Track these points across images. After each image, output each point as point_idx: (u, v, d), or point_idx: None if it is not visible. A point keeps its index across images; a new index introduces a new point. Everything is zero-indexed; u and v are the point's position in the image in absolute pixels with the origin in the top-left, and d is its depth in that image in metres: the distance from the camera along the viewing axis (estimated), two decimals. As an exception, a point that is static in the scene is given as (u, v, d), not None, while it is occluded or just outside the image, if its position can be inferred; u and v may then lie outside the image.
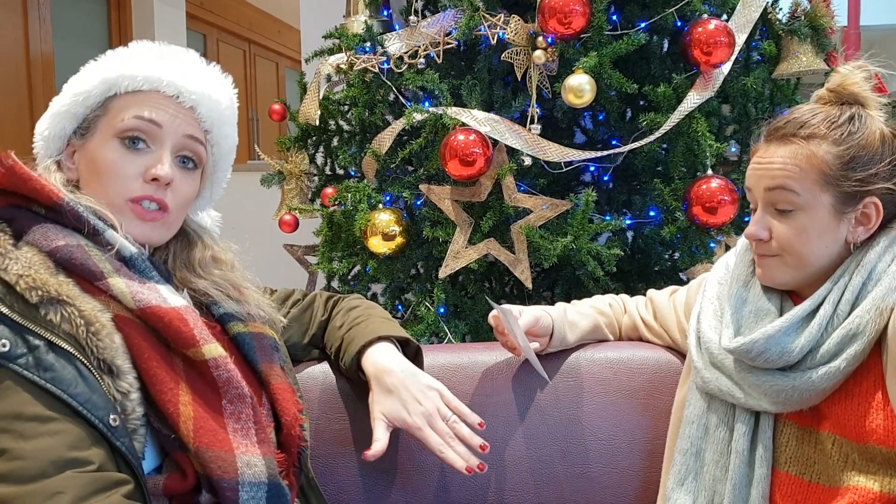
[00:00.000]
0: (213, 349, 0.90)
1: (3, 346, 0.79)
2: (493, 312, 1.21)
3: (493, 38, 1.71)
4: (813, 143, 0.98)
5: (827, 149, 0.97)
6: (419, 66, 1.81)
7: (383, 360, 1.10)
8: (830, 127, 0.98)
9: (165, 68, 0.97)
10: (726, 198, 1.66)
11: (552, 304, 1.34)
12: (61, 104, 0.97)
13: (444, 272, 1.76)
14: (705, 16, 1.69)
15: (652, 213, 1.82)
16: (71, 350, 0.81)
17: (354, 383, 1.22)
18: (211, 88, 1.01)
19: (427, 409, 1.06)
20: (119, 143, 0.95)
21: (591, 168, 1.88)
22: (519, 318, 1.19)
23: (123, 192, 0.94)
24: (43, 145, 0.98)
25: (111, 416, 0.81)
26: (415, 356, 1.18)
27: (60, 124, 0.97)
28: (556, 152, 1.70)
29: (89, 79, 0.97)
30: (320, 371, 1.24)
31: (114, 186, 0.94)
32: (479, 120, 1.71)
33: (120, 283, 0.88)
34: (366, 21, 1.96)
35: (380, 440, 1.05)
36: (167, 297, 0.91)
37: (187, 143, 0.99)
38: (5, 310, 0.81)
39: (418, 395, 1.07)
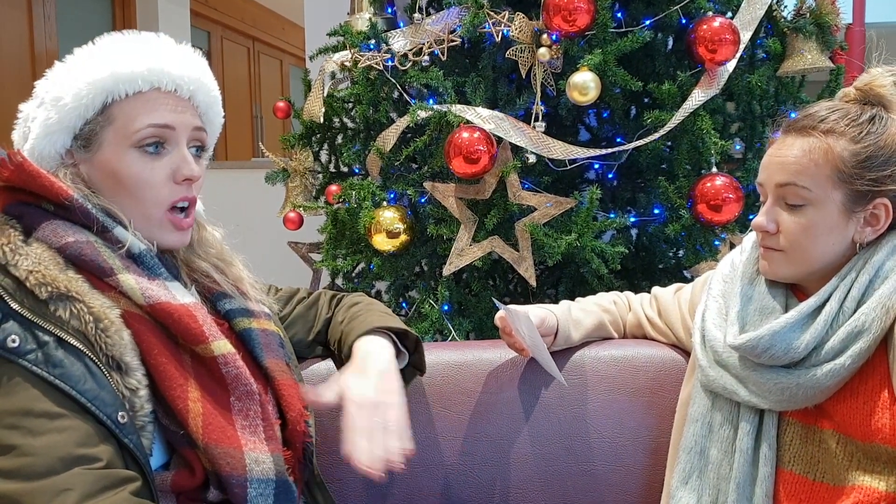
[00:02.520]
0: (221, 346, 0.91)
1: (13, 341, 0.80)
2: (500, 314, 1.21)
3: (498, 36, 1.71)
4: (831, 137, 0.98)
5: (844, 145, 0.97)
6: (423, 64, 1.81)
7: (371, 347, 1.07)
8: (850, 124, 0.98)
9: (158, 63, 0.94)
10: (731, 195, 1.65)
11: (556, 301, 1.34)
12: (49, 119, 0.91)
13: (448, 270, 1.76)
14: (710, 13, 1.69)
15: (656, 211, 1.82)
16: (80, 346, 0.82)
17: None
18: (201, 73, 0.99)
19: (376, 400, 0.97)
20: (139, 153, 0.93)
21: (596, 166, 1.88)
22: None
23: (159, 200, 0.94)
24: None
25: (119, 413, 0.82)
26: (415, 347, 1.17)
27: (59, 140, 0.92)
28: (560, 150, 1.70)
29: (73, 86, 0.91)
30: (325, 368, 1.25)
31: (147, 196, 0.93)
32: (483, 117, 1.71)
33: (129, 280, 0.88)
34: (370, 18, 1.95)
35: (323, 396, 0.98)
36: (176, 294, 0.92)
37: (195, 134, 0.98)
38: (15, 305, 0.81)
39: (379, 387, 0.99)
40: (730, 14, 1.76)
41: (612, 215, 1.79)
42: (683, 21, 1.73)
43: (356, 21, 2.02)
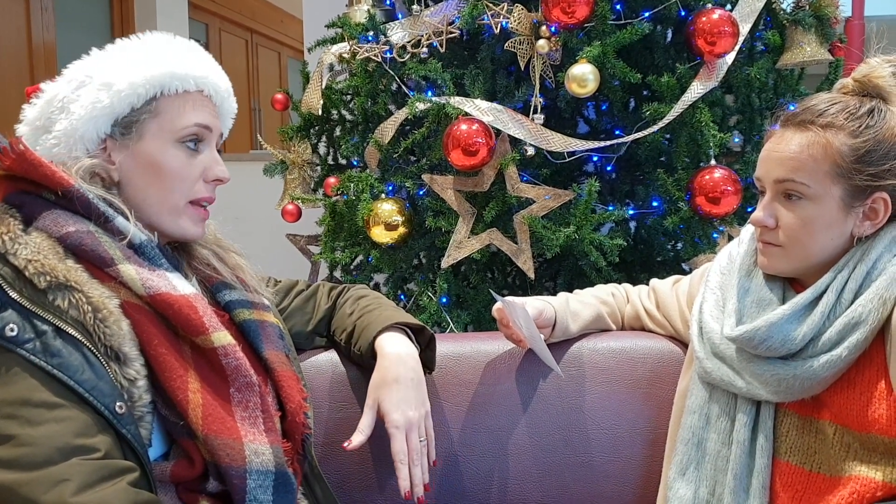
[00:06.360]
0: (221, 337, 0.91)
1: (11, 330, 0.80)
2: (497, 305, 1.21)
3: (497, 28, 1.70)
4: (830, 132, 0.97)
5: (843, 140, 0.96)
6: (422, 56, 1.80)
7: (397, 349, 1.11)
8: (849, 118, 0.97)
9: (203, 69, 0.99)
10: (729, 188, 1.65)
11: (555, 294, 1.34)
12: (99, 102, 0.92)
13: (446, 262, 1.76)
14: (709, 5, 1.68)
15: (655, 204, 1.81)
16: (78, 336, 0.82)
17: (359, 371, 1.22)
18: (228, 84, 1.04)
19: (413, 417, 1.06)
20: (182, 148, 0.96)
21: (595, 158, 1.88)
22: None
23: (187, 195, 0.98)
24: (65, 145, 0.93)
25: (117, 404, 0.82)
26: (428, 344, 1.18)
27: (102, 125, 0.93)
28: (559, 142, 1.70)
29: (128, 75, 0.92)
30: (324, 360, 1.25)
31: (179, 189, 0.97)
32: (482, 110, 1.71)
33: (130, 270, 0.88)
34: (369, 10, 1.95)
35: (363, 432, 1.06)
36: (177, 285, 0.92)
37: (218, 139, 1.03)
38: (14, 294, 0.82)
39: (415, 400, 1.07)
40: (729, 6, 1.76)
41: (610, 208, 1.79)
42: (682, 13, 1.73)
43: (355, 13, 2.02)
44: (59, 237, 0.87)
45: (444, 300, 1.81)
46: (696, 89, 1.67)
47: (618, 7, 1.71)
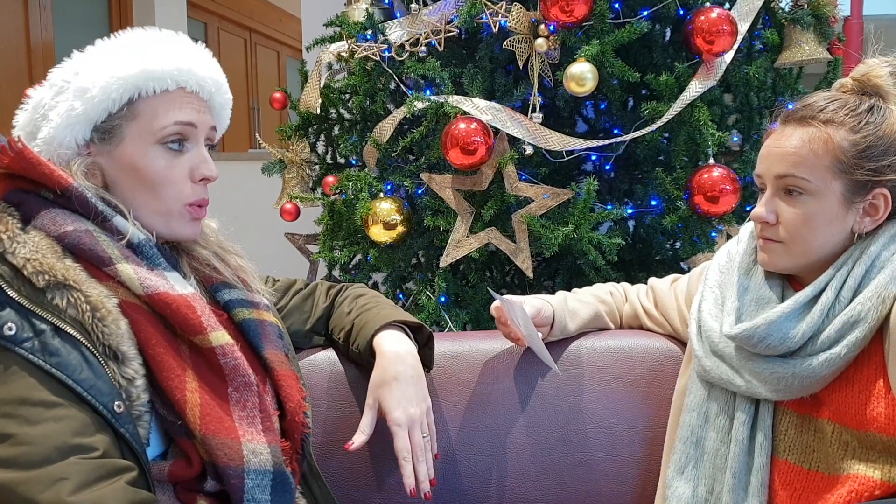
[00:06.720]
0: (220, 336, 0.91)
1: (10, 329, 0.80)
2: (496, 304, 1.21)
3: (495, 26, 1.70)
4: (830, 127, 0.98)
5: (844, 135, 0.97)
6: (420, 55, 1.80)
7: (396, 347, 1.11)
8: (849, 114, 0.98)
9: (186, 63, 0.95)
10: (728, 187, 1.66)
11: (553, 293, 1.34)
12: (73, 110, 0.90)
13: (444, 261, 1.76)
14: (708, 4, 1.68)
15: (653, 203, 1.82)
16: (76, 335, 0.82)
17: (357, 370, 1.22)
18: (218, 75, 1.01)
19: (415, 414, 1.06)
20: (162, 149, 0.94)
21: (593, 157, 1.88)
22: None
23: (180, 198, 0.95)
24: (46, 153, 0.91)
25: (116, 403, 0.82)
26: (426, 342, 1.18)
27: (80, 131, 0.91)
28: (557, 141, 1.70)
29: (101, 78, 0.90)
30: (322, 359, 1.25)
31: (168, 193, 0.94)
32: (480, 108, 1.71)
33: (128, 269, 0.88)
34: (367, 9, 1.95)
35: (364, 432, 1.06)
36: (175, 285, 0.92)
37: (209, 133, 1.00)
38: (12, 293, 0.82)
39: (415, 397, 1.07)
40: (727, 5, 1.76)
41: (609, 207, 1.79)
42: (681, 12, 1.73)
43: (353, 11, 2.02)
44: (58, 236, 0.87)
45: (443, 299, 1.81)
46: (695, 88, 1.67)
47: (616, 6, 1.71)
